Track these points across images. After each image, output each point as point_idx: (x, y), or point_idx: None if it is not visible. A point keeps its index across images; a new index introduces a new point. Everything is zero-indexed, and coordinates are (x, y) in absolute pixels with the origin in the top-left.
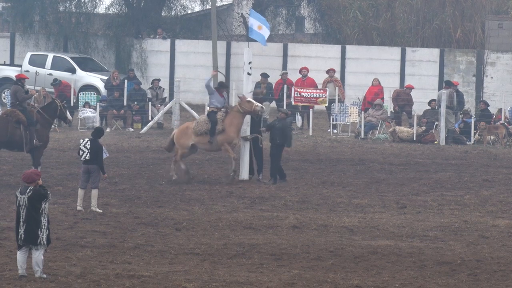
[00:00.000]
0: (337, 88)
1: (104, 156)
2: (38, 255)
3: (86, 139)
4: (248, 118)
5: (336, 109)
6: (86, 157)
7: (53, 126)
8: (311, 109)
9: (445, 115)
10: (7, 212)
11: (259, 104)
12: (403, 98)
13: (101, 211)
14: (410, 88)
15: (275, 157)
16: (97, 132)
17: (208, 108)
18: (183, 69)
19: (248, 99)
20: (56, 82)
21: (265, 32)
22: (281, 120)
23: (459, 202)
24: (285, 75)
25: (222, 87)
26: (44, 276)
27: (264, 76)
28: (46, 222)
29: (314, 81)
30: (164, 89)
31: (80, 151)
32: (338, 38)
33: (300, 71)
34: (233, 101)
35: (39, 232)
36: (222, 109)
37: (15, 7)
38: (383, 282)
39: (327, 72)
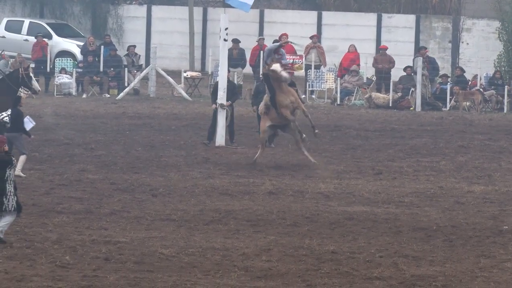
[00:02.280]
0: (318, 54)
1: (31, 125)
2: (3, 222)
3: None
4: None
5: (312, 76)
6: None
7: (25, 93)
8: None
9: (421, 82)
10: None
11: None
12: (382, 59)
13: (25, 175)
14: (385, 48)
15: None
16: (15, 100)
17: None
18: (159, 36)
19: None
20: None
21: None
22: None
23: (435, 168)
24: (261, 41)
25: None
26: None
27: (235, 41)
28: (12, 188)
29: (293, 47)
30: (140, 55)
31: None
32: (315, 4)
33: (280, 38)
34: (210, 67)
35: (4, 199)
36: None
37: None
38: (359, 248)
39: (311, 38)
